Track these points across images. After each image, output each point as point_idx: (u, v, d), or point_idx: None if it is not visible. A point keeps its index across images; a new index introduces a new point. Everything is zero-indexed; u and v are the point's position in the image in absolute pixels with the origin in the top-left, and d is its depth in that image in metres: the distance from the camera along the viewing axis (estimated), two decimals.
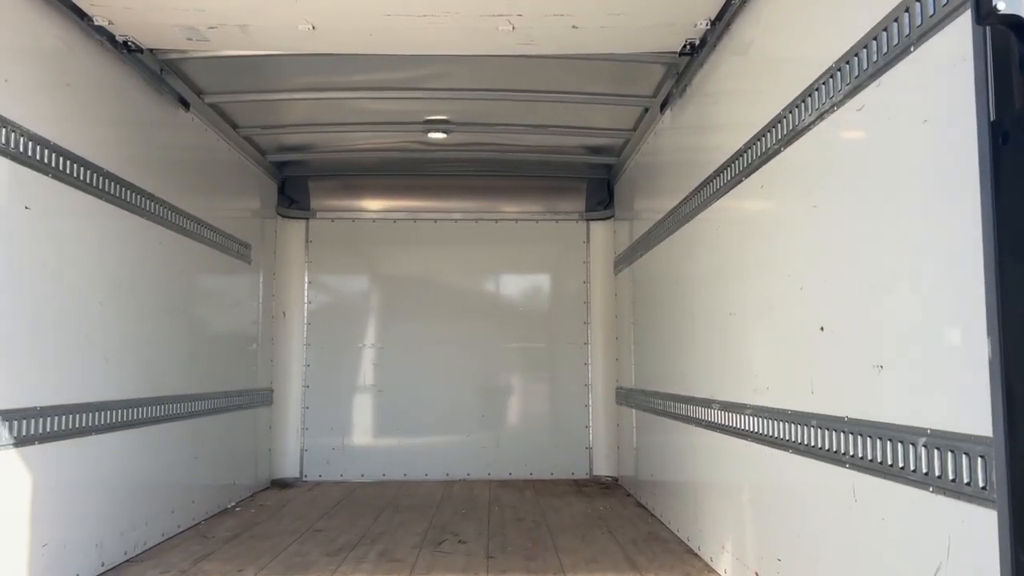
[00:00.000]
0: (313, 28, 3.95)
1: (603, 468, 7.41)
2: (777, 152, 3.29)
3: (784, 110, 3.21)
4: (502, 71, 5.07)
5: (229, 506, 5.98)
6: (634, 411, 6.44)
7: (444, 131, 6.22)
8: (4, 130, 3.29)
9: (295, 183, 7.52)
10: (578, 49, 4.39)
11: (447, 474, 7.33)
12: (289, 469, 7.32)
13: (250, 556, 4.45)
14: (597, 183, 7.65)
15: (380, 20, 3.90)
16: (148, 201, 4.64)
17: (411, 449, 7.41)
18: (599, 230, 7.66)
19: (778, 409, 3.26)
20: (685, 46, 4.38)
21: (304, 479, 7.31)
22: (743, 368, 3.75)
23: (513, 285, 7.84)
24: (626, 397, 6.79)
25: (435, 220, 7.65)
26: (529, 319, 7.67)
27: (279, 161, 7.18)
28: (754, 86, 3.72)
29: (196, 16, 3.82)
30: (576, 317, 7.62)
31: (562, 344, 7.60)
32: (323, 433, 7.40)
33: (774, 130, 3.32)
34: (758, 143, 3.51)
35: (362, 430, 7.49)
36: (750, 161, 3.61)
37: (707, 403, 4.24)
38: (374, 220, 7.66)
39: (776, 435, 3.29)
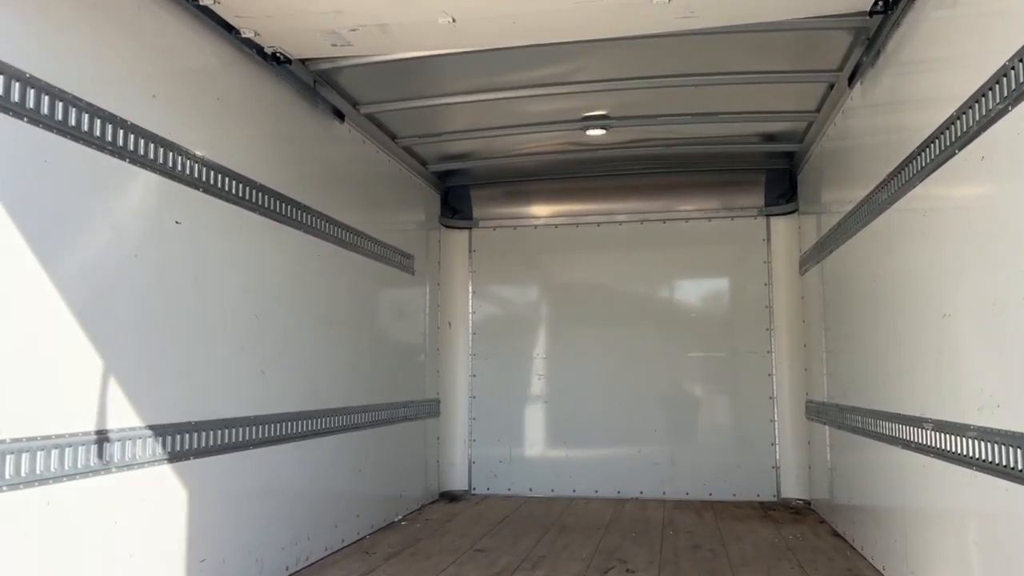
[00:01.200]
0: (453, 21, 3.73)
1: (793, 490, 6.68)
2: (1003, 113, 2.64)
3: (1011, 60, 2.56)
4: (661, 54, 4.64)
5: (396, 519, 5.92)
6: (827, 427, 5.71)
7: (603, 127, 5.85)
8: (152, 145, 3.31)
9: (457, 193, 7.44)
10: (747, 18, 3.87)
11: (618, 492, 6.91)
12: (458, 481, 7.20)
13: None
14: (777, 174, 6.95)
15: (522, 5, 3.61)
16: (305, 214, 4.63)
17: (580, 463, 7.06)
18: (781, 226, 6.96)
19: (1012, 432, 2.60)
20: (876, 3, 3.74)
21: (472, 492, 7.16)
22: (962, 381, 3.08)
23: (686, 290, 7.29)
24: (817, 412, 6.06)
25: (598, 224, 7.28)
26: (705, 326, 7.10)
27: (440, 171, 7.11)
28: (967, 43, 3.06)
29: (335, 18, 3.71)
30: (758, 323, 6.95)
31: (742, 353, 6.96)
32: (490, 445, 7.22)
33: (998, 86, 2.67)
34: (975, 106, 2.86)
35: (530, 442, 7.24)
36: (965, 129, 2.96)
37: (917, 422, 3.56)
38: (535, 226, 7.41)
39: (1010, 464, 2.63)
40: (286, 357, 4.39)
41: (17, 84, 2.63)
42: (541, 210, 7.47)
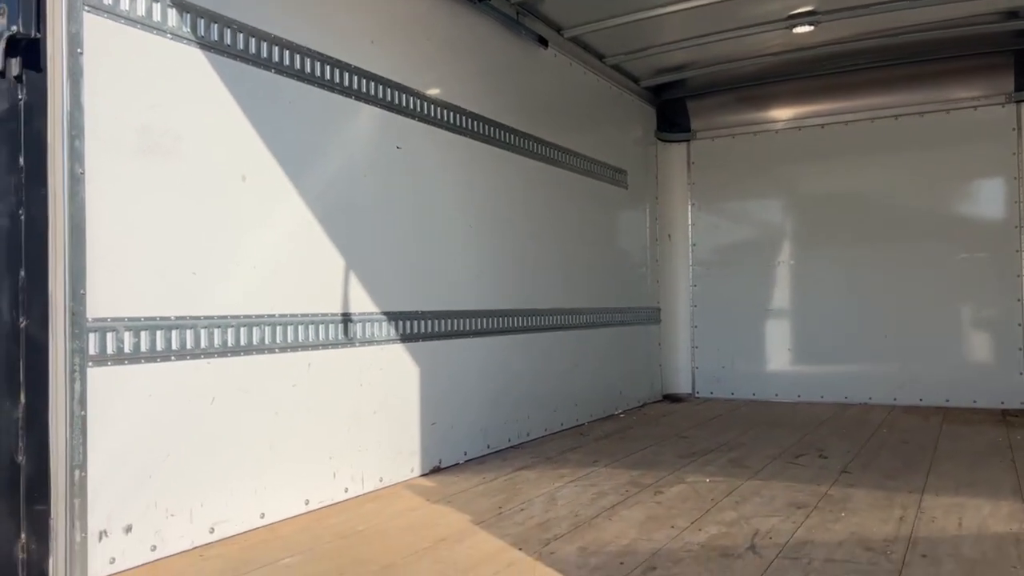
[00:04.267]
0: None
1: None
2: None
3: None
4: None
5: (616, 413, 6.47)
6: None
7: (810, 23, 5.70)
8: (374, 84, 4.02)
9: (673, 106, 7.58)
10: None
11: (845, 397, 6.87)
12: (682, 385, 7.57)
13: (609, 452, 4.81)
14: None
15: None
16: (512, 135, 5.18)
17: (805, 370, 7.09)
18: None
19: None
20: None
21: (696, 395, 7.50)
22: None
23: (919, 186, 6.86)
24: None
25: (822, 125, 7.06)
26: (945, 225, 6.67)
27: (654, 86, 7.31)
28: None
29: None
30: (1005, 220, 6.42)
31: (987, 253, 6.48)
32: (712, 352, 7.47)
33: None
34: None
35: (752, 349, 7.38)
36: None
37: None
38: (755, 133, 7.36)
39: None
40: (501, 262, 5.04)
41: (264, 43, 3.41)
42: (758, 116, 7.39)
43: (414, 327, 4.25)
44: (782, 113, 7.26)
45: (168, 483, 2.94)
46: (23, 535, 2.42)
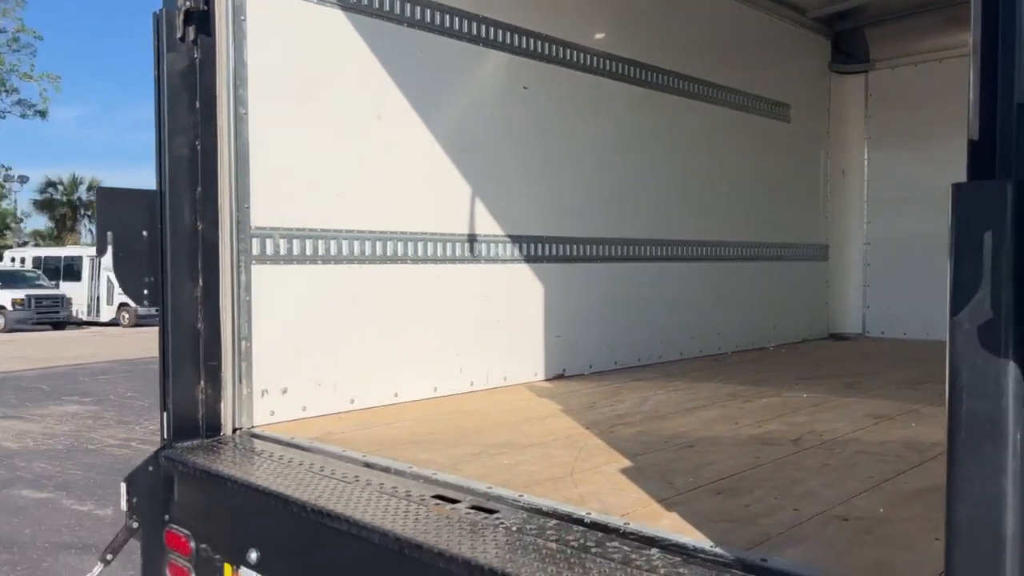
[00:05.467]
0: None
1: None
2: None
3: None
4: None
5: (767, 346, 6.57)
6: None
7: None
8: (501, 31, 4.53)
9: (849, 35, 7.31)
10: None
11: None
12: (851, 325, 7.41)
13: (730, 374, 5.05)
14: None
15: None
16: (653, 73, 5.46)
17: None
18: None
19: None
20: None
21: (866, 334, 7.32)
22: None
23: None
24: None
25: None
26: None
27: (827, 15, 7.11)
28: None
29: None
30: None
31: None
32: (884, 291, 7.24)
33: None
34: None
35: (928, 289, 7.01)
36: None
37: None
38: (939, 60, 6.92)
39: None
40: (635, 194, 5.38)
41: (397, 1, 4.04)
42: (954, 40, 6.92)
43: (540, 249, 4.77)
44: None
45: (317, 361, 3.73)
46: (201, 382, 3.29)
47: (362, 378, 3.91)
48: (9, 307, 28.90)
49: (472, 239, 4.41)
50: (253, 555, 2.62)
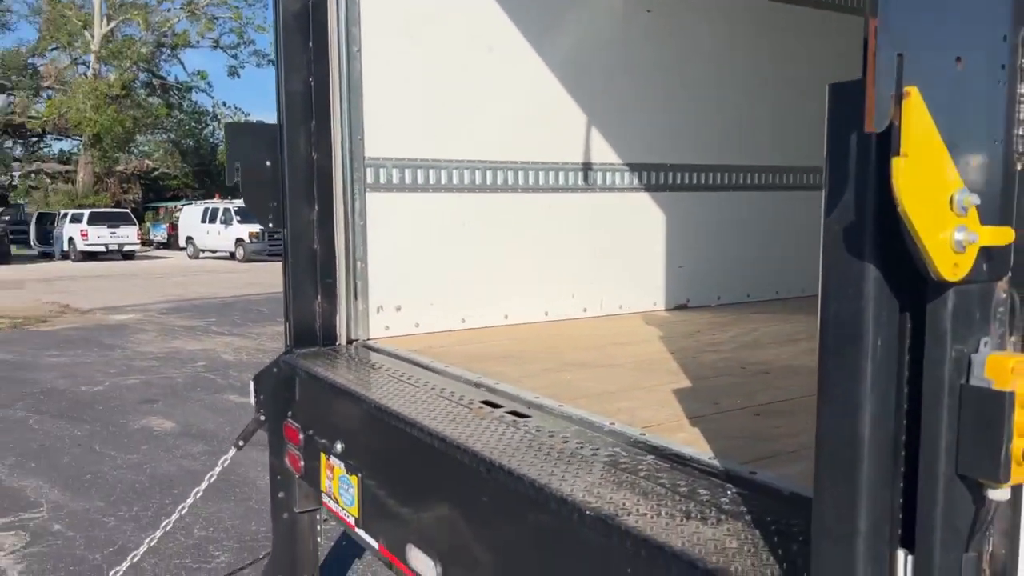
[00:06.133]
0: None
1: None
2: None
3: None
4: None
5: None
6: None
7: None
8: None
9: None
10: None
11: None
12: None
13: (767, 317, 4.72)
14: None
15: None
16: None
17: None
18: None
19: None
20: None
21: None
22: None
23: None
24: None
25: None
26: None
27: None
28: None
29: None
30: None
31: None
32: None
33: None
34: None
35: None
36: None
37: None
38: None
39: None
40: (762, 120, 5.13)
41: None
42: None
43: (660, 178, 4.73)
44: None
45: (430, 281, 4.02)
46: (319, 297, 3.69)
47: (472, 299, 4.16)
48: (247, 240, 32.52)
49: (587, 168, 4.47)
50: (339, 446, 2.97)
